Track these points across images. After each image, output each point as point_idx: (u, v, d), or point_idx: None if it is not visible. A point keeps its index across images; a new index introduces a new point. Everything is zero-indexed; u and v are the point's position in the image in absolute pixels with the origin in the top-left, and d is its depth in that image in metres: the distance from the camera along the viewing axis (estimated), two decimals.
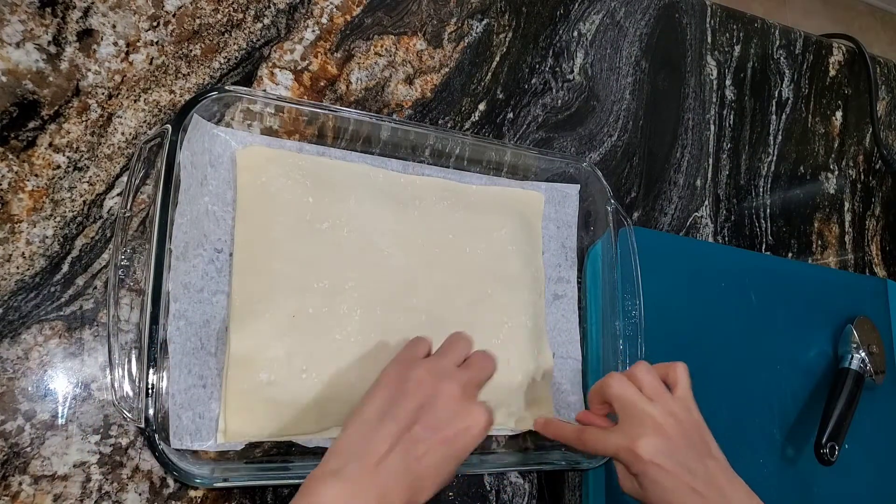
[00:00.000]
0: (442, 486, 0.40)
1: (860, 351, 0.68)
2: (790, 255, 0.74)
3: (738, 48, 0.77)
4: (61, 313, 0.44)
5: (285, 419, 0.46)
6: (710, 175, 0.72)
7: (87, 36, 0.48)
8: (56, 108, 0.46)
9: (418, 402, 0.40)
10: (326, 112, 0.51)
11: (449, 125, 0.59)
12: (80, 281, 0.45)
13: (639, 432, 0.45)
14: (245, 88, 0.51)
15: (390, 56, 0.58)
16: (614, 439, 0.46)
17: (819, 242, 0.77)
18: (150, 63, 0.50)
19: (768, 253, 0.73)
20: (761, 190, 0.75)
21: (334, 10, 0.57)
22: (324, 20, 0.56)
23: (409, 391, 0.41)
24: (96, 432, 0.43)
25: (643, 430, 0.45)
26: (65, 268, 0.45)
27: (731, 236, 0.71)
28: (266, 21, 0.54)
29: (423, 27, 0.60)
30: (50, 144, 0.46)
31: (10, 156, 0.45)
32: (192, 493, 0.45)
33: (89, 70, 0.48)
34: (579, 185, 0.61)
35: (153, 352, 0.40)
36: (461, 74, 0.61)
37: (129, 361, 0.43)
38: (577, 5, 0.68)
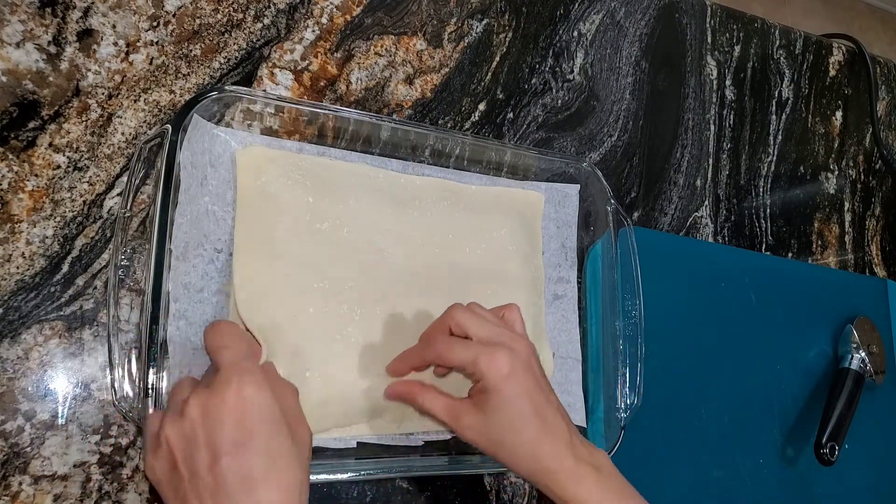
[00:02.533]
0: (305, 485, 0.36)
1: (860, 351, 0.68)
2: (790, 255, 0.74)
3: (738, 48, 0.77)
4: (61, 313, 0.44)
5: None
6: (710, 175, 0.72)
7: (87, 36, 0.48)
8: (56, 108, 0.46)
9: (188, 470, 0.34)
10: (326, 112, 0.51)
11: (449, 125, 0.59)
12: (80, 281, 0.45)
13: (495, 347, 0.41)
14: (245, 88, 0.51)
15: (390, 56, 0.58)
16: (473, 346, 0.42)
17: (819, 242, 0.77)
18: (150, 63, 0.50)
19: (768, 253, 0.73)
20: (761, 190, 0.75)
21: (334, 10, 0.57)
22: (324, 20, 0.56)
23: (175, 462, 0.34)
24: (96, 432, 0.43)
25: (501, 342, 0.42)
26: (65, 268, 0.45)
27: (731, 236, 0.71)
28: (266, 21, 0.54)
29: (423, 27, 0.60)
30: (50, 144, 0.46)
31: (10, 156, 0.45)
32: None
33: (89, 70, 0.48)
34: (579, 185, 0.61)
35: (153, 352, 0.40)
36: (461, 74, 0.61)
37: (129, 361, 0.43)
38: (577, 5, 0.68)
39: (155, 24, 0.50)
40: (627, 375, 0.54)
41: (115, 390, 0.42)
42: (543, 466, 0.41)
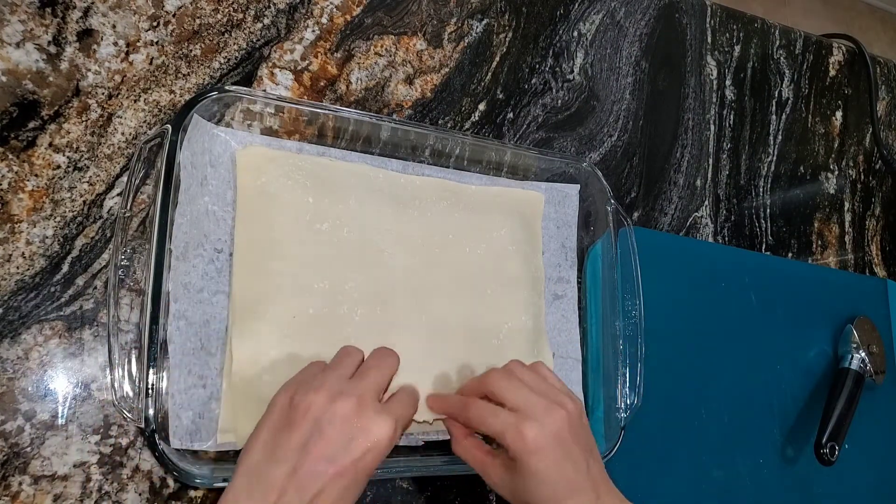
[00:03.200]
0: None
1: (860, 351, 0.68)
2: (790, 255, 0.74)
3: (738, 48, 0.77)
4: (61, 313, 0.44)
5: None
6: (710, 175, 0.72)
7: (87, 36, 0.48)
8: (56, 108, 0.46)
9: (306, 433, 0.37)
10: (326, 112, 0.51)
11: (449, 125, 0.59)
12: (80, 281, 0.45)
13: (528, 415, 0.42)
14: (245, 88, 0.51)
15: (390, 56, 0.58)
16: (504, 415, 0.42)
17: (819, 242, 0.77)
18: (150, 63, 0.50)
19: (768, 253, 0.73)
20: (761, 190, 0.75)
21: (334, 10, 0.57)
22: (324, 20, 0.56)
23: (295, 422, 0.37)
24: (96, 432, 0.43)
25: (534, 413, 0.42)
26: (65, 268, 0.45)
27: (731, 236, 0.71)
28: (266, 21, 0.54)
29: (423, 27, 0.60)
30: (50, 144, 0.46)
31: (10, 156, 0.45)
32: (192, 493, 0.45)
33: (89, 70, 0.48)
34: (579, 185, 0.61)
35: (153, 352, 0.40)
36: (461, 74, 0.61)
37: (129, 361, 0.43)
38: (577, 5, 0.68)
39: (155, 24, 0.50)
40: (627, 375, 0.54)
41: (115, 390, 0.42)
42: None
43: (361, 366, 0.43)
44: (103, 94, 0.48)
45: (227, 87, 0.48)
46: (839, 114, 0.83)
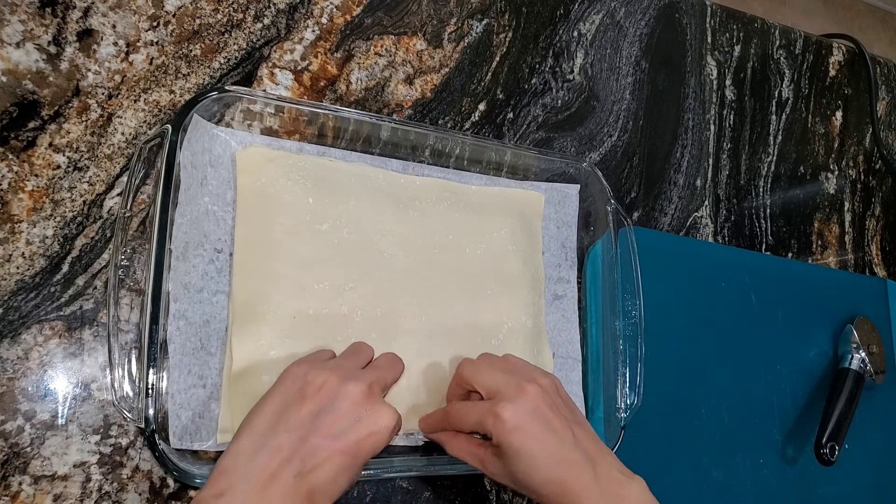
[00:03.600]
0: (339, 496, 0.37)
1: (860, 351, 0.68)
2: (790, 255, 0.74)
3: (738, 48, 0.77)
4: (61, 313, 0.44)
5: None
6: (710, 175, 0.72)
7: (87, 36, 0.48)
8: (56, 108, 0.46)
9: (316, 407, 0.38)
10: (326, 112, 0.51)
11: (449, 125, 0.59)
12: (80, 281, 0.45)
13: (502, 396, 0.42)
14: (245, 88, 0.51)
15: (390, 56, 0.58)
16: (477, 405, 0.43)
17: (819, 242, 0.77)
18: (150, 63, 0.50)
19: (768, 253, 0.73)
20: (761, 190, 0.75)
21: (334, 10, 0.57)
22: (324, 20, 0.56)
23: (307, 394, 0.38)
24: (96, 432, 0.43)
25: (507, 394, 0.42)
26: (65, 268, 0.45)
27: (731, 236, 0.71)
28: (266, 21, 0.54)
29: (423, 27, 0.60)
30: (50, 144, 0.46)
31: (10, 156, 0.45)
32: (193, 493, 0.45)
33: (89, 70, 0.48)
34: (579, 185, 0.61)
35: (153, 352, 0.40)
36: (461, 74, 0.61)
37: (129, 361, 0.43)
38: (577, 5, 0.68)
39: (155, 24, 0.50)
40: (627, 375, 0.54)
41: (115, 390, 0.42)
42: (568, 501, 0.41)
43: (372, 362, 0.45)
44: (103, 94, 0.48)
45: (227, 87, 0.48)
46: (839, 114, 0.83)
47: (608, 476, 0.41)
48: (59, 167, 0.46)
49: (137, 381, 0.42)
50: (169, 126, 0.44)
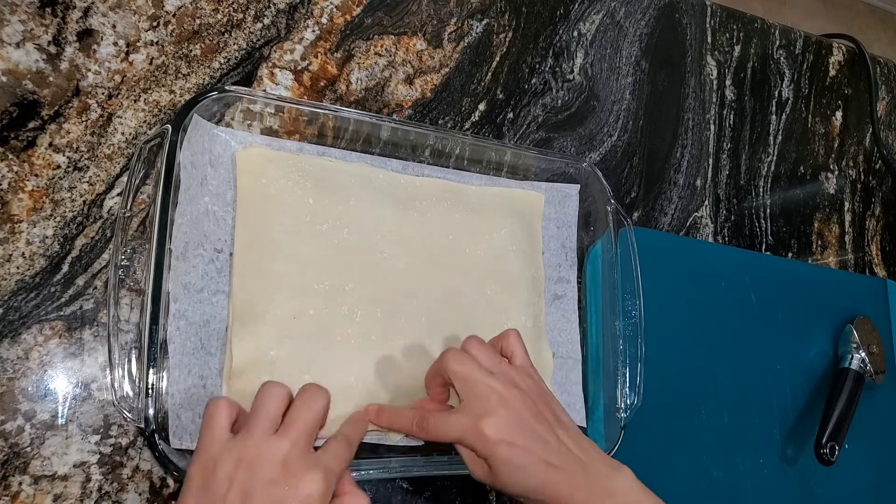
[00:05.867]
0: None
1: (860, 351, 0.68)
2: (790, 255, 0.74)
3: (738, 48, 0.77)
4: (61, 313, 0.44)
5: None
6: (710, 175, 0.72)
7: (87, 36, 0.48)
8: (56, 108, 0.46)
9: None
10: (326, 112, 0.51)
11: (449, 125, 0.59)
12: (80, 281, 0.45)
13: (483, 410, 0.41)
14: (245, 88, 0.51)
15: (390, 56, 0.58)
16: (457, 420, 0.42)
17: (819, 242, 0.77)
18: (150, 63, 0.50)
19: (768, 253, 0.73)
20: (761, 190, 0.75)
21: (334, 10, 0.57)
22: (324, 20, 0.56)
23: (217, 497, 0.34)
24: (96, 432, 0.43)
25: (488, 407, 0.41)
26: (65, 268, 0.45)
27: (731, 236, 0.71)
28: (266, 21, 0.54)
29: (423, 27, 0.60)
30: (50, 144, 0.46)
31: (10, 156, 0.45)
32: None
33: (89, 70, 0.48)
34: (579, 185, 0.61)
35: (153, 352, 0.40)
36: (461, 74, 0.61)
37: (129, 361, 0.43)
38: (577, 5, 0.68)
39: (155, 24, 0.50)
40: (627, 375, 0.54)
41: (115, 390, 0.42)
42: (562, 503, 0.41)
43: (288, 412, 0.39)
44: (103, 94, 0.48)
45: (227, 87, 0.48)
46: (839, 114, 0.83)
47: (596, 472, 0.42)
48: (59, 167, 0.46)
49: (137, 381, 0.42)
50: (169, 126, 0.44)
